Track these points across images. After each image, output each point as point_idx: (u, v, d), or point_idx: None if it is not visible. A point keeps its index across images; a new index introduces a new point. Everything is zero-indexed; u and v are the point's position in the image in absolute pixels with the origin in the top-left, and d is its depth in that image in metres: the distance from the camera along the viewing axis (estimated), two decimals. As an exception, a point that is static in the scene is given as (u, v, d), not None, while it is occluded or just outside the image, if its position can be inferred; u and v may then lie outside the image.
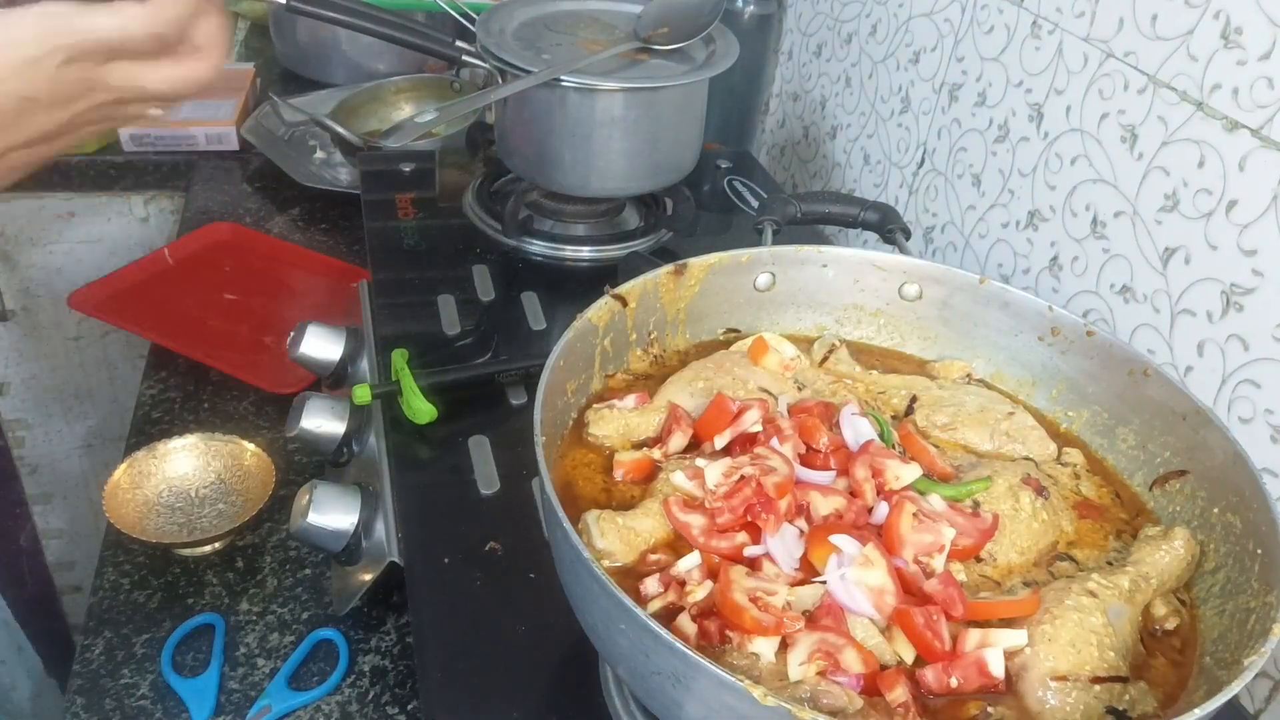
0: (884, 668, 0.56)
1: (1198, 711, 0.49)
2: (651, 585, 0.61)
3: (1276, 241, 0.79)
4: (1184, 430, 0.69)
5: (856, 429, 0.70)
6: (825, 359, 0.81)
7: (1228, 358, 0.83)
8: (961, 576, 0.63)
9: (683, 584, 0.60)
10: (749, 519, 0.62)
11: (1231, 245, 0.82)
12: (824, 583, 0.59)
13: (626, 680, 0.65)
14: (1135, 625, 0.62)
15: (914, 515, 0.63)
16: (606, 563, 0.63)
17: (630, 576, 0.62)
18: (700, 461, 0.67)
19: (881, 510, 0.64)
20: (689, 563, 0.61)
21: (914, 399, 0.77)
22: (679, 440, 0.70)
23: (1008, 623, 0.60)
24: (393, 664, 0.84)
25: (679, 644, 0.49)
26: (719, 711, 0.50)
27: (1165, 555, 0.65)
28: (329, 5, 1.11)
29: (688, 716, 0.53)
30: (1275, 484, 0.80)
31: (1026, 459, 0.74)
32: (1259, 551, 0.61)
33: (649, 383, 0.78)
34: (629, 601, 0.50)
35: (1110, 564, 0.67)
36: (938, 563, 0.61)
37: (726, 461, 0.65)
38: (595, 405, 0.73)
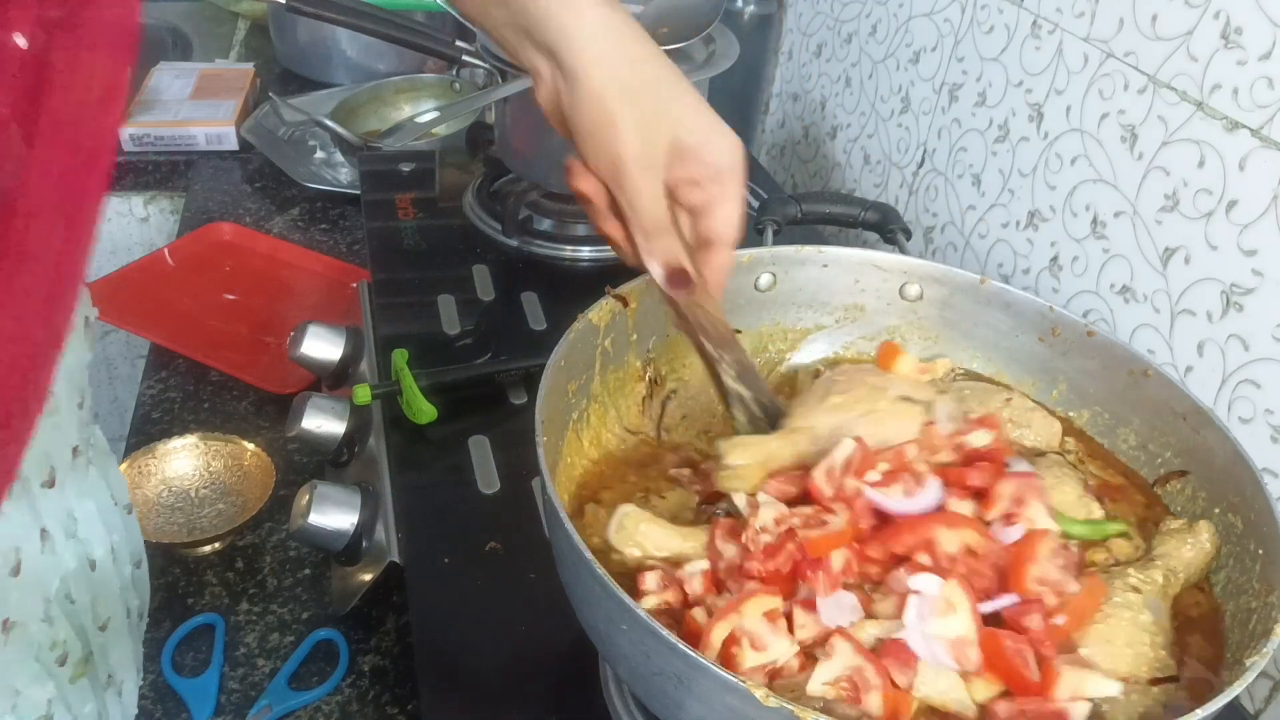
0: None
1: (1199, 712, 0.49)
2: (651, 581, 0.60)
3: (1276, 241, 0.79)
4: (1185, 430, 0.69)
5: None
6: None
7: (1228, 358, 0.83)
8: None
9: (682, 586, 0.60)
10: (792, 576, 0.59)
11: (1231, 245, 0.82)
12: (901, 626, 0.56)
13: (627, 681, 0.65)
14: (1171, 621, 0.62)
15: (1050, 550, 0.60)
16: (615, 556, 0.62)
17: (630, 576, 0.62)
18: (762, 496, 0.63)
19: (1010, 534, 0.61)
20: (695, 568, 0.60)
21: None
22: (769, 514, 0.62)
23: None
24: (393, 664, 0.84)
25: (681, 644, 0.48)
26: (720, 712, 0.50)
27: (1191, 549, 0.64)
28: (329, 5, 1.11)
29: (689, 717, 0.53)
30: (1276, 484, 0.80)
31: (1032, 447, 0.74)
32: (1260, 552, 0.60)
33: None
34: (630, 602, 0.50)
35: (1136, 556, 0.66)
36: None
37: (782, 508, 0.61)
38: (722, 438, 0.68)
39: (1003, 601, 0.57)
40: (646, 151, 0.60)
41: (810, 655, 0.55)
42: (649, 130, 0.60)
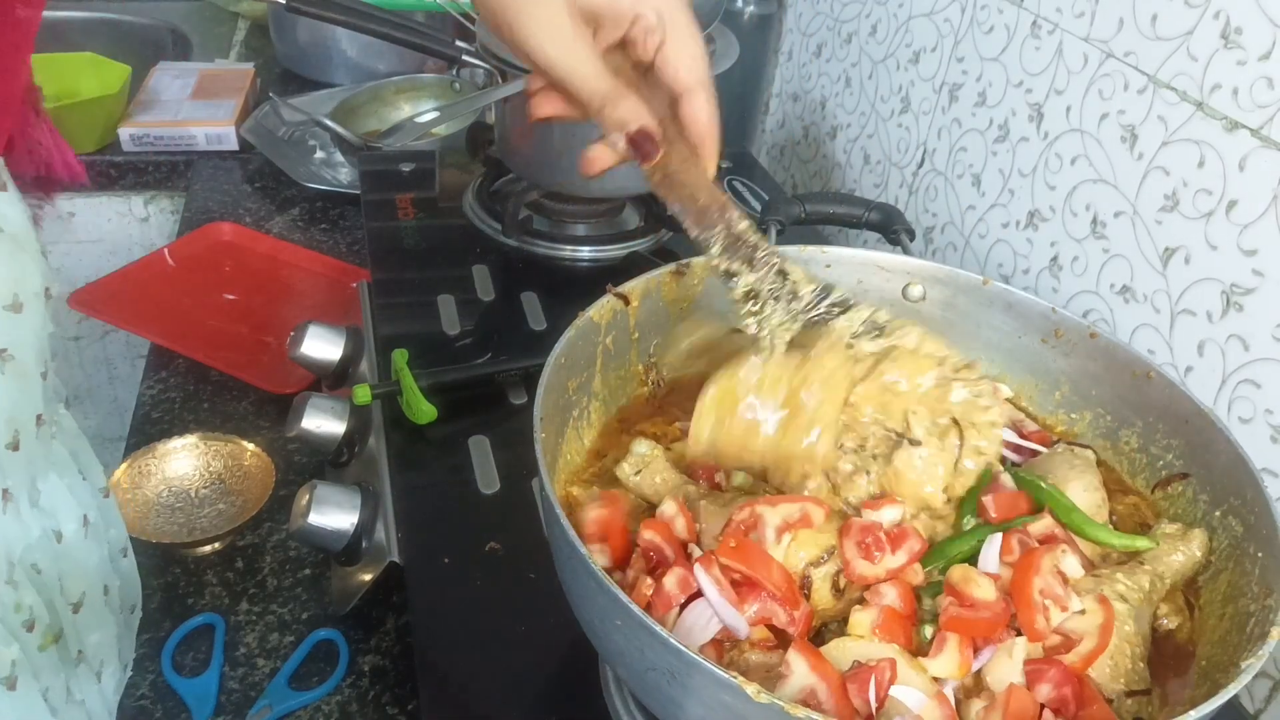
0: None
1: (1193, 713, 0.49)
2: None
3: (1276, 241, 0.79)
4: (1187, 433, 0.69)
5: None
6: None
7: (1228, 358, 0.83)
8: None
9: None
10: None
11: (1231, 245, 0.82)
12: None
13: (624, 678, 0.65)
14: (1150, 627, 0.62)
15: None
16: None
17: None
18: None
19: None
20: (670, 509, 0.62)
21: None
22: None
23: None
24: (393, 664, 0.84)
25: (673, 640, 0.49)
26: (714, 709, 0.50)
27: (1181, 556, 0.64)
28: (329, 5, 1.11)
29: (684, 714, 0.53)
30: (1275, 484, 0.80)
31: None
32: (1259, 555, 0.60)
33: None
34: (625, 598, 0.51)
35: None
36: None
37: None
38: None
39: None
40: (557, 27, 0.57)
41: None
42: (551, 8, 0.57)
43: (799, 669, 0.53)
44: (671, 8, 0.60)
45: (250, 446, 1.00)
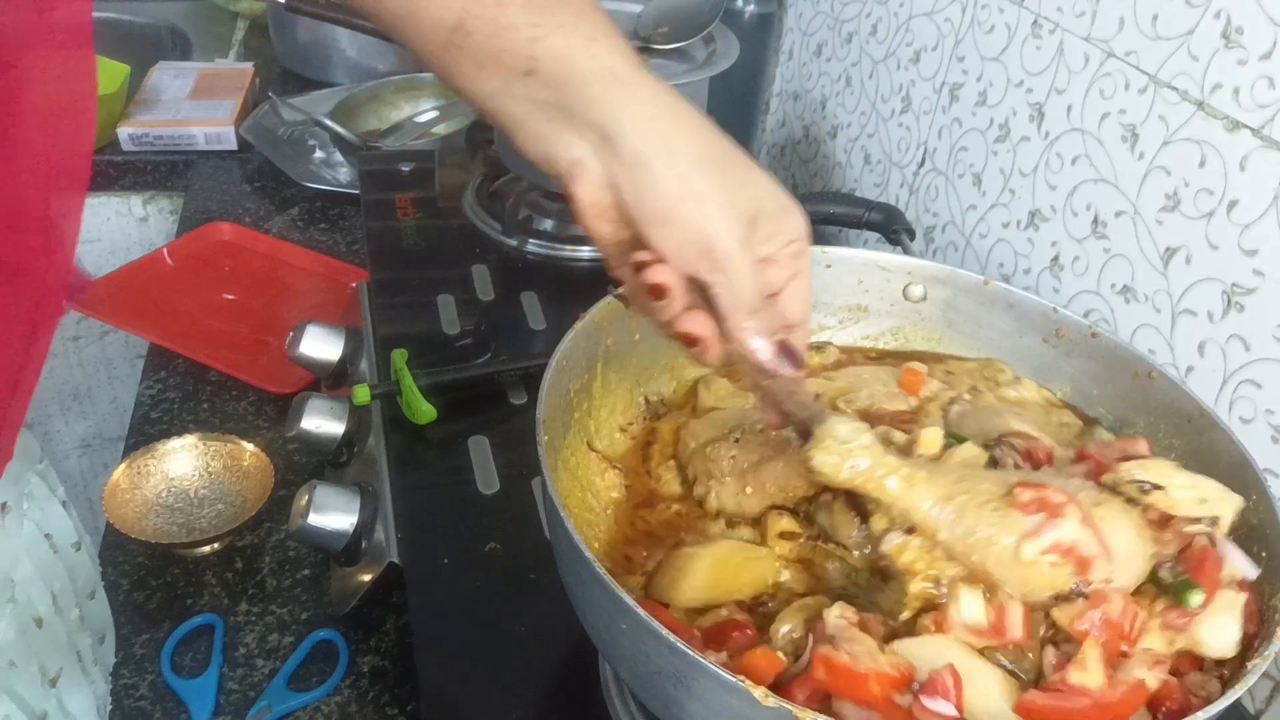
0: None
1: (1200, 715, 0.49)
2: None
3: (1277, 241, 0.79)
4: (1189, 433, 0.69)
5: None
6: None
7: (1229, 358, 0.83)
8: None
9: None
10: None
11: (1232, 245, 0.82)
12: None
13: (627, 681, 0.65)
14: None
15: None
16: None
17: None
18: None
19: None
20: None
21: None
22: None
23: None
24: (393, 664, 0.83)
25: (680, 644, 0.48)
26: (720, 712, 0.50)
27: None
28: (329, 5, 1.11)
29: (689, 717, 0.52)
30: (1276, 484, 0.80)
31: None
32: (1263, 555, 0.60)
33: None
34: (630, 601, 0.50)
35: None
36: None
37: None
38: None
39: None
40: (740, 225, 0.53)
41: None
42: (738, 203, 0.53)
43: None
44: (809, 239, 0.57)
45: (249, 447, 0.99)
